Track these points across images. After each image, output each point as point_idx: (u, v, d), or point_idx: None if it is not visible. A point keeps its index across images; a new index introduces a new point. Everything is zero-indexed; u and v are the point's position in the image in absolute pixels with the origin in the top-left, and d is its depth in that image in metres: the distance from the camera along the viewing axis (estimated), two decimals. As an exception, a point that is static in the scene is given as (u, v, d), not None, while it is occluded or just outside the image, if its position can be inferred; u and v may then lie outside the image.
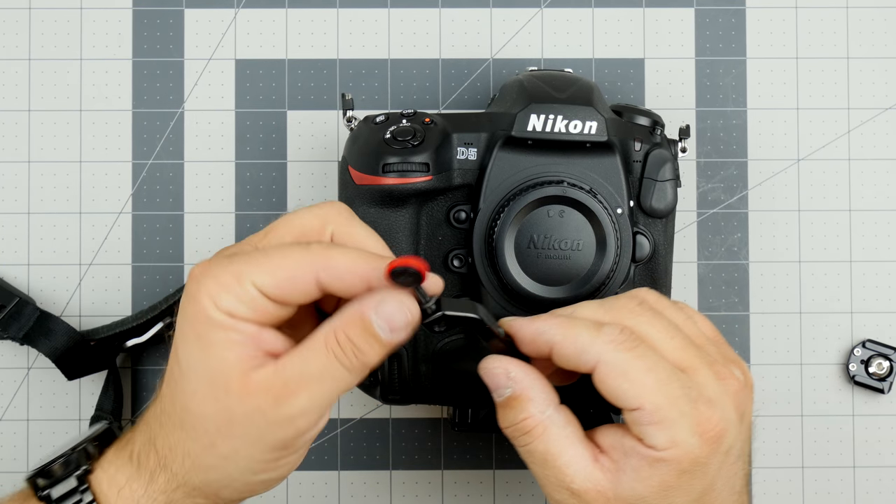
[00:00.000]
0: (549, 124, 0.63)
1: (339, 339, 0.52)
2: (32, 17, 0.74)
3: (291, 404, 0.51)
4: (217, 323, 0.51)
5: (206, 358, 0.52)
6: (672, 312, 0.57)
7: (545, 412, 0.55)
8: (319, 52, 0.74)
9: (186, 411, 0.53)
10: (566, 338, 0.54)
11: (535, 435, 0.55)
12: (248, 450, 0.52)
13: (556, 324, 0.55)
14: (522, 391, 0.55)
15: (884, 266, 0.74)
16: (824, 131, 0.75)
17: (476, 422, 0.68)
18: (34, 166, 0.74)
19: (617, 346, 0.53)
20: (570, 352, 0.54)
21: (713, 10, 0.75)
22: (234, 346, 0.51)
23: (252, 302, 0.52)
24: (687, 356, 0.54)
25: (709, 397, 0.53)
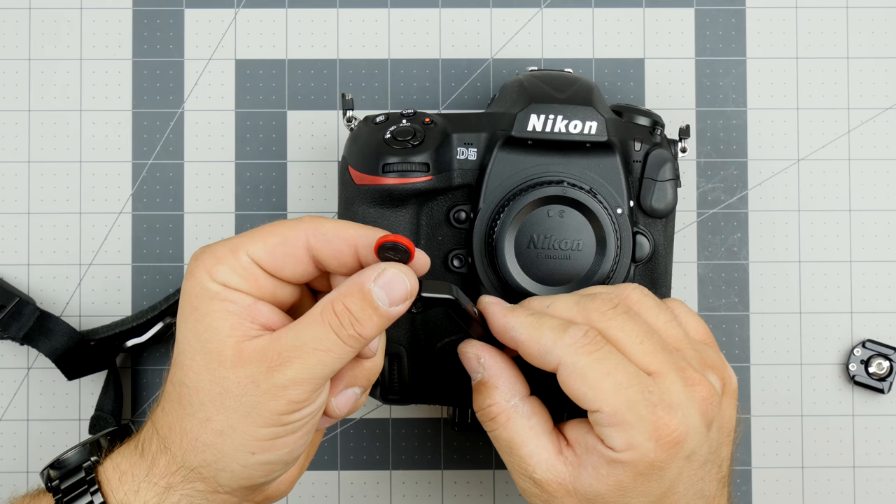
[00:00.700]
0: (549, 124, 0.63)
1: (337, 309, 0.52)
2: (32, 17, 0.74)
3: (283, 373, 0.52)
4: (212, 294, 0.52)
5: (200, 329, 0.52)
6: (653, 314, 0.57)
7: (510, 401, 0.56)
8: (319, 52, 0.74)
9: (183, 385, 0.53)
10: (531, 338, 0.55)
11: (500, 422, 0.56)
12: (243, 424, 0.52)
13: (522, 322, 0.55)
14: (489, 378, 0.57)
15: (884, 266, 0.74)
16: (824, 131, 0.75)
17: (476, 422, 0.68)
18: (34, 166, 0.74)
19: (578, 349, 0.54)
20: (533, 351, 0.55)
21: (713, 10, 0.75)
22: (228, 315, 0.52)
23: (246, 272, 0.53)
24: (655, 360, 0.54)
25: (670, 402, 0.53)
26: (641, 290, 0.58)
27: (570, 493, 0.55)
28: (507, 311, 0.57)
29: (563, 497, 0.55)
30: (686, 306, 0.60)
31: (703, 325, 0.59)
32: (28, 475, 0.73)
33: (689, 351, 0.56)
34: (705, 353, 0.57)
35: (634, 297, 0.57)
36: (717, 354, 0.58)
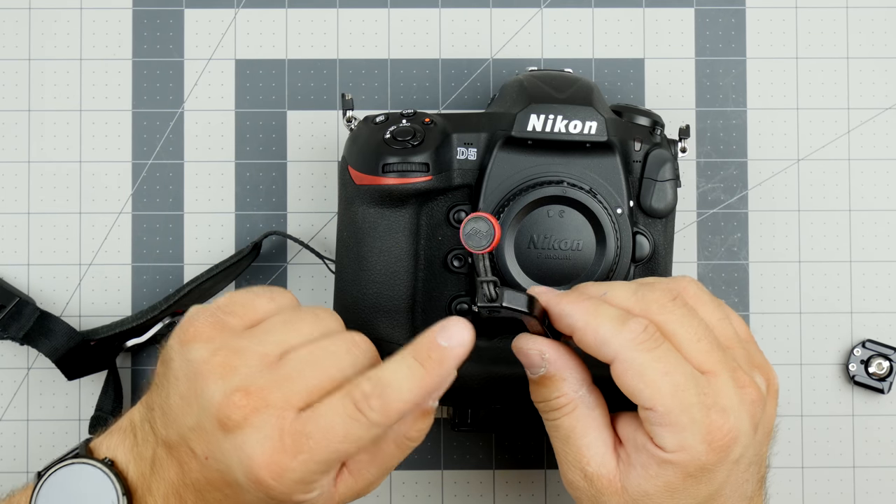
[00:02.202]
0: (548, 124, 0.63)
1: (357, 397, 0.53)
2: (32, 17, 0.74)
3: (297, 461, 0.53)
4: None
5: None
6: (709, 310, 0.57)
7: (578, 392, 0.56)
8: (319, 52, 0.74)
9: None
10: (588, 325, 0.54)
11: (565, 412, 0.56)
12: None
13: (581, 309, 0.55)
14: (556, 371, 0.56)
15: (884, 266, 0.74)
16: (824, 131, 0.75)
17: (476, 422, 0.68)
18: (34, 166, 0.74)
19: (637, 344, 0.53)
20: (590, 340, 0.54)
21: (713, 10, 0.75)
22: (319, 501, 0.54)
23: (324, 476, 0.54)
24: (710, 360, 0.54)
25: (723, 406, 0.53)
26: (697, 283, 0.57)
27: (617, 492, 0.55)
28: (562, 296, 0.56)
29: (610, 495, 0.55)
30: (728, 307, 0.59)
31: (746, 326, 0.59)
32: (28, 475, 0.73)
33: (739, 350, 0.56)
34: (752, 353, 0.57)
35: (691, 291, 0.57)
36: (761, 354, 0.58)
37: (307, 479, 0.52)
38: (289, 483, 0.52)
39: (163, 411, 0.56)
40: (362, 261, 0.64)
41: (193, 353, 0.54)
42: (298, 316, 0.56)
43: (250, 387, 0.53)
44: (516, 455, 0.73)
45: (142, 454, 0.57)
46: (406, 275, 0.64)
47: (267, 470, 0.52)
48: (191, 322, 0.56)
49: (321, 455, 0.52)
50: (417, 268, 0.65)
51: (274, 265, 0.74)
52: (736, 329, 0.58)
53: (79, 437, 0.73)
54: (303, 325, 0.56)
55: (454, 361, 0.53)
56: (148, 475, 0.56)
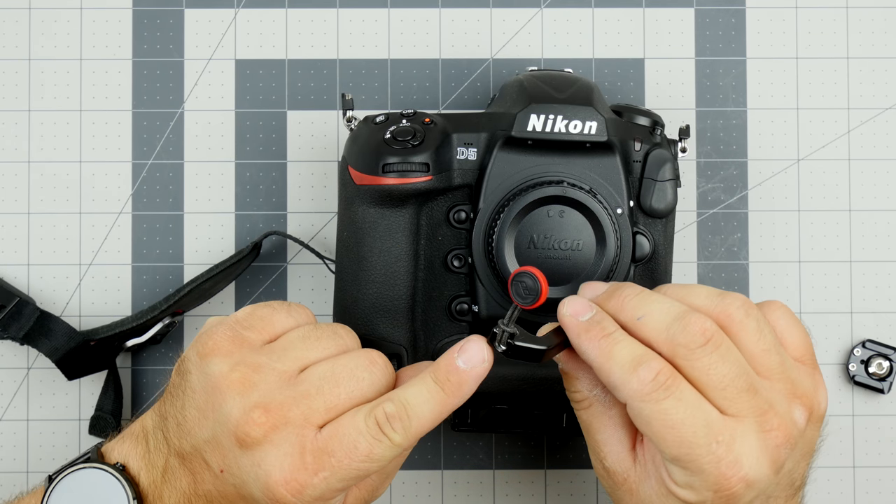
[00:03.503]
0: (549, 124, 0.63)
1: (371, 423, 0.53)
2: (32, 17, 0.74)
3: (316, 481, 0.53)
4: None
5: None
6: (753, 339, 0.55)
7: (593, 391, 0.57)
8: (319, 52, 0.74)
9: None
10: (601, 368, 0.54)
11: (582, 406, 0.57)
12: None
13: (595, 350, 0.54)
14: (571, 370, 0.57)
15: (884, 266, 0.74)
16: (824, 131, 0.75)
17: (476, 422, 0.68)
18: (34, 166, 0.74)
19: (644, 395, 0.53)
20: (605, 381, 0.55)
21: (713, 10, 0.75)
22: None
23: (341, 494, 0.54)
24: (734, 405, 0.53)
25: (737, 456, 0.52)
26: (746, 307, 0.55)
27: (632, 493, 0.56)
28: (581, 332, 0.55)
29: (626, 494, 0.56)
30: (789, 313, 0.58)
31: (803, 334, 0.57)
32: (28, 475, 0.73)
33: (779, 383, 0.55)
34: (798, 380, 0.55)
35: (737, 318, 0.55)
36: (812, 375, 0.57)
37: (326, 496, 0.53)
38: (307, 500, 0.52)
39: (177, 422, 0.56)
40: (362, 261, 0.64)
41: (212, 367, 0.54)
42: (317, 332, 0.57)
43: (269, 403, 0.53)
44: (516, 455, 0.73)
45: (154, 462, 0.57)
46: (406, 275, 0.64)
47: (286, 487, 0.52)
48: (210, 335, 0.56)
49: (343, 473, 0.52)
50: (417, 268, 0.65)
51: (274, 265, 0.74)
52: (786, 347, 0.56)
53: (79, 437, 0.73)
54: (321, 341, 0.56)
55: (473, 383, 0.54)
56: (159, 483, 0.56)
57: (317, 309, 0.73)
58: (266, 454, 0.53)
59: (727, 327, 0.55)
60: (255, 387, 0.53)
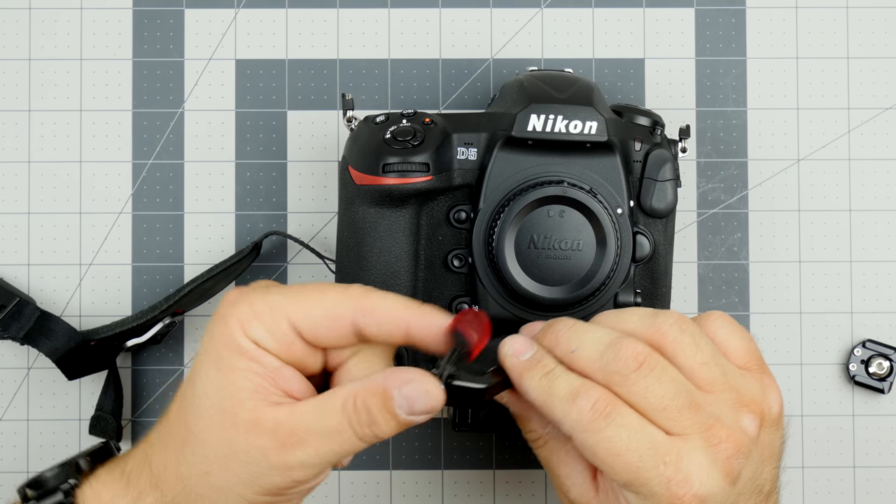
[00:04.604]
0: (549, 124, 0.63)
1: (357, 405, 0.51)
2: (32, 17, 0.74)
3: (294, 454, 0.51)
4: (241, 350, 0.51)
5: (222, 383, 0.51)
6: (690, 353, 0.54)
7: (545, 429, 0.57)
8: (319, 52, 0.74)
9: (190, 433, 0.52)
10: (544, 405, 0.54)
11: (539, 445, 0.57)
12: (242, 488, 0.52)
13: (535, 388, 0.54)
14: (520, 411, 0.57)
15: (884, 266, 0.74)
16: (824, 131, 0.75)
17: (476, 422, 0.68)
18: (34, 166, 0.74)
19: (585, 425, 0.52)
20: (548, 417, 0.54)
21: (713, 10, 0.75)
22: (253, 377, 0.51)
23: (281, 335, 0.52)
24: (678, 423, 0.53)
25: (686, 474, 0.52)
26: (680, 323, 0.55)
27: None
28: (522, 371, 0.55)
29: None
30: (728, 321, 0.57)
31: (746, 341, 0.57)
32: (28, 475, 0.73)
33: (723, 394, 0.54)
34: (744, 388, 0.55)
35: (671, 336, 0.55)
36: (759, 380, 0.56)
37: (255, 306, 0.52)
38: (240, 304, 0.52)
39: None
40: (362, 261, 0.64)
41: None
42: None
43: None
44: (516, 455, 0.73)
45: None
46: (406, 275, 0.64)
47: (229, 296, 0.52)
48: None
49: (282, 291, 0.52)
50: (417, 268, 0.65)
51: (274, 265, 0.74)
52: (728, 356, 0.56)
53: (79, 437, 0.73)
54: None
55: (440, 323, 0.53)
56: None
57: (317, 309, 0.73)
58: None
59: (662, 347, 0.54)
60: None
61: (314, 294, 0.52)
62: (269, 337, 0.52)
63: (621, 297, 0.64)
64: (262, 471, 0.52)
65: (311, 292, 0.52)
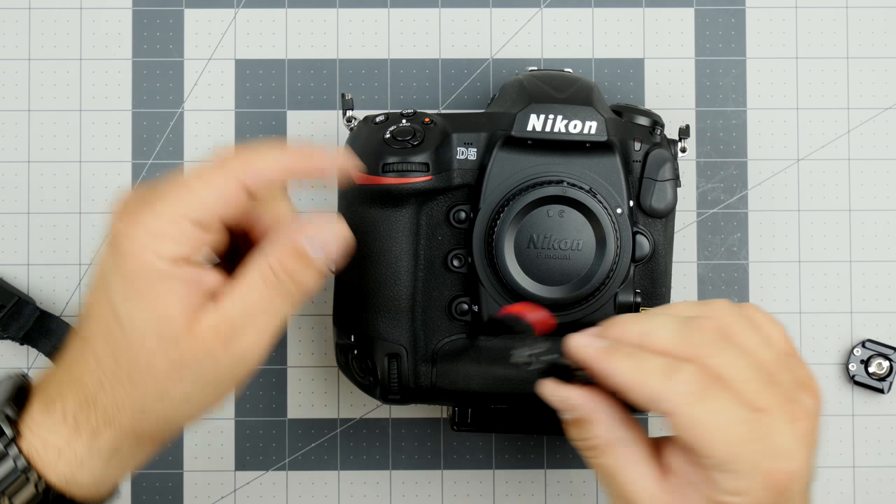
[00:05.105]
0: (548, 124, 0.63)
1: (278, 273, 0.53)
2: (32, 17, 0.74)
3: (240, 343, 0.52)
4: (160, 274, 0.51)
5: (152, 314, 0.52)
6: (747, 337, 0.54)
7: (612, 432, 0.55)
8: (319, 52, 0.74)
9: (135, 369, 0.52)
10: (636, 384, 0.53)
11: (601, 452, 0.55)
12: (200, 393, 0.53)
13: (624, 367, 0.53)
14: (587, 415, 0.55)
15: (884, 266, 0.74)
16: (824, 131, 0.75)
17: (476, 422, 0.68)
18: (34, 166, 0.74)
19: (689, 397, 0.52)
20: (641, 398, 0.53)
21: (713, 10, 0.75)
22: (179, 295, 0.52)
23: (190, 240, 0.52)
24: (762, 397, 0.52)
25: (781, 448, 0.52)
26: (729, 306, 0.55)
27: None
28: (604, 355, 0.54)
29: None
30: (762, 312, 0.57)
31: (782, 330, 0.57)
32: (28, 475, 0.73)
33: (784, 374, 0.54)
34: (796, 371, 0.55)
35: (729, 321, 0.54)
36: (802, 365, 0.56)
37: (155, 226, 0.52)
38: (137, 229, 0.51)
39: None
40: (362, 261, 0.64)
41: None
42: None
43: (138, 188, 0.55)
44: (516, 455, 0.73)
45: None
46: (406, 275, 0.64)
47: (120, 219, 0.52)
48: None
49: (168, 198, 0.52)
50: (417, 268, 0.65)
51: (274, 265, 0.74)
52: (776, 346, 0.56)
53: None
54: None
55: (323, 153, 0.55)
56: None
57: (317, 309, 0.73)
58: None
59: (729, 335, 0.54)
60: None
61: (198, 183, 0.52)
62: (179, 247, 0.52)
63: (621, 296, 0.64)
64: (216, 371, 0.52)
65: (195, 182, 0.52)
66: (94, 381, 0.53)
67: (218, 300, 0.52)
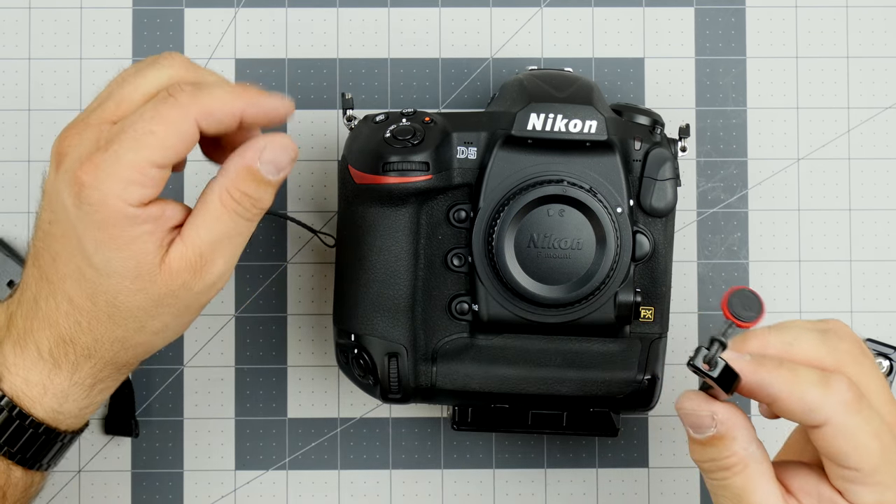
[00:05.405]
0: (548, 123, 0.63)
1: (235, 196, 0.55)
2: (32, 17, 0.74)
3: (210, 271, 0.55)
4: (131, 218, 0.53)
5: (125, 256, 0.53)
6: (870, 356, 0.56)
7: (748, 449, 0.54)
8: (319, 52, 0.75)
9: (114, 307, 0.55)
10: (792, 394, 0.52)
11: (736, 471, 0.54)
12: (176, 320, 0.56)
13: (779, 378, 0.52)
14: (728, 431, 0.54)
15: (884, 266, 0.74)
16: (824, 130, 0.75)
17: (476, 422, 0.68)
18: (34, 166, 0.74)
19: (847, 406, 0.51)
20: (795, 408, 0.52)
21: (713, 9, 0.75)
22: (150, 235, 0.54)
23: (155, 179, 0.53)
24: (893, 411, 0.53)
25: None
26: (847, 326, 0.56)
27: None
28: (756, 367, 0.53)
29: None
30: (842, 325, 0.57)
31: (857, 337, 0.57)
32: (28, 475, 0.73)
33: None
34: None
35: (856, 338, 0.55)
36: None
37: (122, 174, 0.52)
38: (104, 179, 0.52)
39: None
40: (362, 260, 0.64)
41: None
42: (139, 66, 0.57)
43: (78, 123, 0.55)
44: (516, 455, 0.73)
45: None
46: (406, 274, 0.64)
47: (82, 170, 0.53)
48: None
49: (130, 143, 0.52)
50: (417, 267, 0.65)
51: (274, 265, 0.74)
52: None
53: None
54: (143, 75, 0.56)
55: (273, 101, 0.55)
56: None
57: (317, 308, 0.73)
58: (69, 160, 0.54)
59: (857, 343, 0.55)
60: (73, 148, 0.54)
61: (158, 125, 0.53)
62: (146, 190, 0.53)
63: (621, 296, 0.64)
64: (189, 300, 0.55)
65: (154, 125, 0.53)
66: (69, 322, 0.56)
67: (184, 232, 0.55)
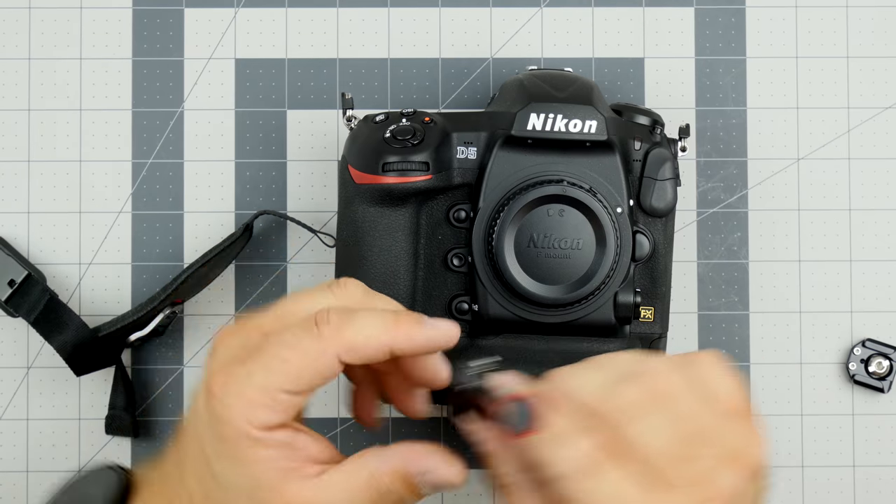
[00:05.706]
0: (548, 123, 0.63)
1: (382, 488, 0.52)
2: (32, 16, 0.74)
3: None
4: (256, 441, 0.51)
5: (244, 476, 0.51)
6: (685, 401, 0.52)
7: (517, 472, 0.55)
8: (319, 52, 0.75)
9: None
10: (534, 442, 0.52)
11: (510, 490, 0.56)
12: None
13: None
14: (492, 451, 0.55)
15: (884, 266, 0.74)
16: (824, 130, 0.75)
17: (476, 421, 0.68)
18: (34, 166, 0.74)
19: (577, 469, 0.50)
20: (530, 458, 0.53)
21: (713, 9, 0.75)
22: (275, 462, 0.51)
23: (284, 405, 0.51)
24: (675, 472, 0.50)
25: None
26: (670, 367, 0.53)
27: None
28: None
29: None
30: (720, 365, 0.54)
31: (736, 387, 0.53)
32: (28, 475, 0.73)
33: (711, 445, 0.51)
34: (731, 438, 0.52)
35: (668, 380, 0.52)
36: (745, 427, 0.53)
37: (249, 395, 0.51)
38: (232, 395, 0.51)
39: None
40: (362, 260, 0.64)
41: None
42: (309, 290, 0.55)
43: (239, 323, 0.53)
44: (516, 454, 0.73)
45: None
46: (406, 274, 0.64)
47: (214, 379, 0.51)
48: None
49: (263, 365, 0.51)
50: (417, 267, 0.65)
51: (274, 265, 0.74)
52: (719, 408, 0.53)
53: (79, 436, 0.73)
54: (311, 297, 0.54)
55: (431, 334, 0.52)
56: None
57: (317, 308, 0.73)
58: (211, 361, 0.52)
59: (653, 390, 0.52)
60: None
61: (295, 355, 0.51)
62: (273, 415, 0.51)
63: (621, 296, 0.64)
64: None
65: (292, 354, 0.51)
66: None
67: (321, 477, 0.52)
